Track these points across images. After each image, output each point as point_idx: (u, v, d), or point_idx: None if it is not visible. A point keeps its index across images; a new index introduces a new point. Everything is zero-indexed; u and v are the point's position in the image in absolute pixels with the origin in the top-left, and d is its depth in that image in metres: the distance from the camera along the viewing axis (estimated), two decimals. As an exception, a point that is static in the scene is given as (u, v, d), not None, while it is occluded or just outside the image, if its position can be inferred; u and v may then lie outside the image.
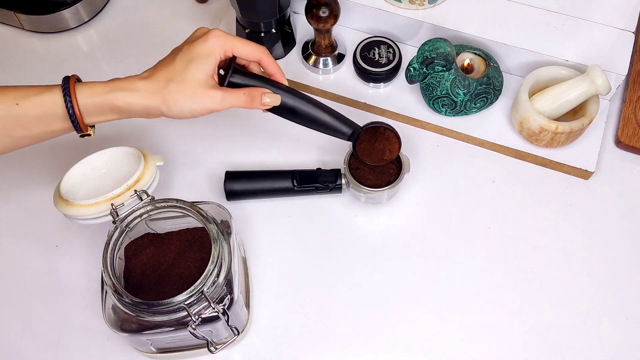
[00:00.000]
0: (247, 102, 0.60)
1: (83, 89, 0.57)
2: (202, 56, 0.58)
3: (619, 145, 0.81)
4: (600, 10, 0.82)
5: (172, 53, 0.60)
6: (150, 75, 0.58)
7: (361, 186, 0.72)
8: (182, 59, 0.58)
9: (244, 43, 0.61)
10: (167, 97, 0.57)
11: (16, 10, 0.89)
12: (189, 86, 0.57)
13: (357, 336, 0.69)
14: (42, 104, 0.56)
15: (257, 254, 0.74)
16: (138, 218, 0.60)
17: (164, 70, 0.58)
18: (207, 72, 0.58)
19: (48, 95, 0.56)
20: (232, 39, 0.60)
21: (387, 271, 0.73)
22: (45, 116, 0.56)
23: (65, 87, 0.56)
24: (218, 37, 0.59)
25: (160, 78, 0.57)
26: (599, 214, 0.77)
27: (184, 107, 0.58)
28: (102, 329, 0.67)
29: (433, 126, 0.82)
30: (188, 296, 0.54)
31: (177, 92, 0.57)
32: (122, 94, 0.57)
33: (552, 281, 0.72)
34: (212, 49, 0.58)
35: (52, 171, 0.80)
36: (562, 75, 0.78)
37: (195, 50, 0.58)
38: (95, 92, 0.57)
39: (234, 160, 0.80)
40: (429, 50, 0.75)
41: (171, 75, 0.57)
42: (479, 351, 0.69)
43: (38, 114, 0.56)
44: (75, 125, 0.57)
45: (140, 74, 0.59)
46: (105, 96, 0.57)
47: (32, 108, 0.56)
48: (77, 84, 0.57)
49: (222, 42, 0.59)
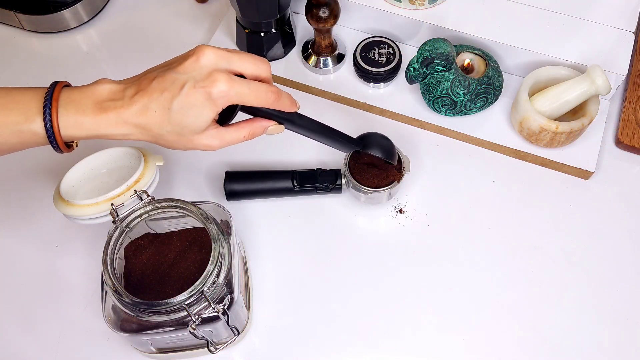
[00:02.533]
0: (247, 139, 0.56)
1: (68, 121, 0.52)
2: (200, 105, 0.51)
3: (619, 145, 0.81)
4: (600, 10, 0.82)
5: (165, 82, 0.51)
6: (142, 113, 0.51)
7: (361, 186, 0.72)
8: (179, 107, 0.51)
9: (242, 60, 0.53)
10: (160, 141, 0.54)
11: (16, 10, 0.89)
12: (186, 137, 0.53)
13: (357, 336, 0.69)
14: (22, 135, 0.52)
15: (257, 254, 0.74)
16: (138, 218, 0.60)
17: (159, 113, 0.51)
18: (207, 121, 0.52)
19: (29, 125, 0.51)
20: (226, 58, 0.52)
21: (387, 271, 0.73)
22: (27, 143, 0.53)
23: (47, 120, 0.51)
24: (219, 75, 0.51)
25: (153, 122, 0.52)
26: (599, 214, 0.77)
27: (178, 149, 0.55)
28: (102, 329, 0.67)
29: (433, 126, 0.82)
30: (188, 296, 0.54)
31: (173, 141, 0.53)
32: (112, 134, 0.52)
33: (552, 281, 0.72)
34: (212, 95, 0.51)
35: (52, 171, 0.80)
36: (562, 75, 0.78)
37: (193, 97, 0.51)
38: (82, 128, 0.52)
39: (234, 160, 0.80)
40: (429, 50, 0.75)
41: (167, 123, 0.52)
42: (479, 351, 0.69)
43: (19, 142, 0.53)
44: (59, 151, 0.54)
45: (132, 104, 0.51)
46: (94, 133, 0.52)
47: (11, 137, 0.52)
48: (60, 115, 0.51)
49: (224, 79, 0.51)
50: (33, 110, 0.51)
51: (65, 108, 0.52)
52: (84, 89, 0.53)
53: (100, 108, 0.52)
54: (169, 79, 0.51)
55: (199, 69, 0.51)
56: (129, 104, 0.51)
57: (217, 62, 0.52)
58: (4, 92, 0.52)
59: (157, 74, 0.52)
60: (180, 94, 0.51)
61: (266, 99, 0.53)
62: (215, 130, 0.54)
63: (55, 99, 0.52)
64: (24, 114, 0.52)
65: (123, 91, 0.52)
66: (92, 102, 0.52)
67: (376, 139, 0.71)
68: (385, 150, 0.70)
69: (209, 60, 0.51)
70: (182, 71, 0.51)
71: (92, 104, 0.52)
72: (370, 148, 0.70)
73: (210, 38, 0.90)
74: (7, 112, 0.51)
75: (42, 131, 0.52)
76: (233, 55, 0.52)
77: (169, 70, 0.52)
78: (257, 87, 0.53)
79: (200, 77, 0.51)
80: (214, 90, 0.51)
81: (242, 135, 0.56)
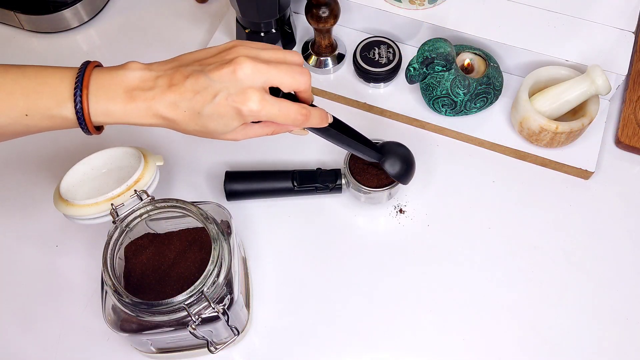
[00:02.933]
0: (269, 135, 0.57)
1: (98, 108, 0.51)
2: (229, 117, 0.51)
3: (619, 145, 0.81)
4: (600, 10, 0.82)
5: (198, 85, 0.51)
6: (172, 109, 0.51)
7: (361, 186, 0.72)
8: (209, 113, 0.51)
9: (280, 72, 0.52)
10: (185, 133, 0.54)
11: (16, 10, 0.89)
12: (211, 135, 0.54)
13: (357, 336, 0.69)
14: (53, 120, 0.52)
15: (257, 254, 0.74)
16: (138, 218, 0.60)
17: (188, 113, 0.51)
18: (234, 129, 0.53)
19: (59, 111, 0.51)
20: (264, 73, 0.51)
21: (387, 271, 0.73)
22: (57, 127, 0.53)
23: (78, 107, 0.51)
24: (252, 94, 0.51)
25: (181, 119, 0.52)
26: (598, 214, 0.77)
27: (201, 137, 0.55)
28: (102, 329, 0.67)
29: (433, 126, 0.82)
30: (188, 296, 0.54)
31: (198, 135, 0.54)
32: (140, 123, 0.52)
33: (552, 281, 0.72)
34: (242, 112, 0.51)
35: (52, 171, 0.80)
36: (562, 75, 0.78)
37: (223, 109, 0.51)
38: (112, 115, 0.52)
39: (234, 160, 0.80)
40: (429, 50, 0.75)
41: (194, 123, 0.52)
42: (479, 351, 0.69)
43: (49, 125, 0.53)
44: (88, 134, 0.54)
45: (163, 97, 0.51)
46: (122, 120, 0.52)
47: (43, 121, 0.52)
48: (90, 102, 0.51)
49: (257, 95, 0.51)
50: (64, 94, 0.51)
51: (95, 95, 0.51)
52: (114, 73, 0.52)
53: (131, 97, 0.51)
54: (203, 83, 0.50)
55: (234, 82, 0.50)
56: (160, 97, 0.51)
57: (254, 77, 0.51)
58: (34, 72, 0.52)
59: (191, 72, 0.51)
60: (212, 102, 0.50)
61: (295, 121, 0.53)
62: (242, 127, 0.54)
63: (85, 85, 0.51)
64: (55, 98, 0.51)
65: (154, 80, 0.52)
66: (122, 89, 0.51)
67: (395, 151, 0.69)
68: (401, 170, 0.69)
69: (245, 75, 0.50)
70: (216, 79, 0.50)
71: (123, 92, 0.51)
72: (387, 163, 0.68)
73: (210, 38, 0.90)
74: (37, 96, 0.51)
75: (73, 117, 0.51)
76: (271, 69, 0.51)
77: (202, 74, 0.51)
78: (287, 110, 0.52)
79: (234, 90, 0.50)
80: (244, 109, 0.50)
81: (266, 132, 0.56)
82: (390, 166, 0.68)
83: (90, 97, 0.51)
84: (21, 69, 0.52)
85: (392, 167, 0.68)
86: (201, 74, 0.51)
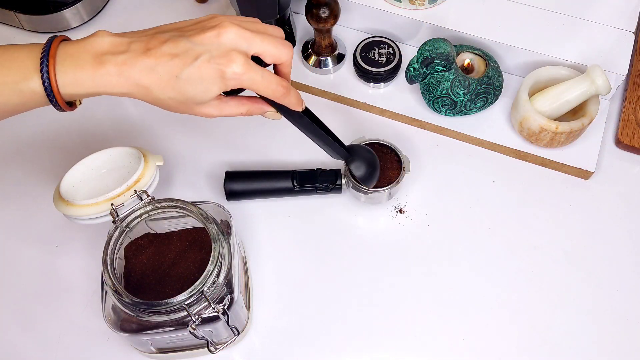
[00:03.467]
0: (244, 115, 0.56)
1: (66, 78, 0.49)
2: (210, 81, 0.50)
3: (619, 145, 0.81)
4: (600, 10, 0.82)
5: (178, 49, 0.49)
6: (147, 74, 0.49)
7: (361, 186, 0.72)
8: (188, 77, 0.49)
9: (264, 41, 0.52)
10: (159, 104, 0.52)
11: (16, 10, 0.89)
12: (187, 105, 0.52)
13: (357, 336, 0.69)
14: (22, 94, 0.50)
15: (257, 254, 0.74)
16: (138, 218, 0.60)
17: (165, 78, 0.49)
18: (213, 96, 0.51)
19: (27, 84, 0.49)
20: (248, 39, 0.51)
21: (387, 271, 0.73)
22: (28, 103, 0.51)
23: (44, 78, 0.49)
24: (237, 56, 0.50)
25: (157, 86, 0.50)
26: (599, 214, 0.77)
27: (175, 112, 0.54)
28: (102, 329, 0.67)
29: (433, 126, 0.82)
30: (188, 296, 0.54)
31: (173, 107, 0.52)
32: (112, 92, 0.50)
33: (552, 281, 0.72)
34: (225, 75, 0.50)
35: (52, 171, 0.80)
36: (562, 75, 0.78)
37: (205, 71, 0.49)
38: (81, 84, 0.50)
39: (234, 160, 0.80)
40: (429, 50, 0.75)
41: (171, 89, 0.50)
42: (479, 351, 0.69)
43: (20, 102, 0.51)
44: (60, 110, 0.52)
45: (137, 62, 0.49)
46: (93, 90, 0.50)
47: (12, 96, 0.50)
48: (57, 72, 0.49)
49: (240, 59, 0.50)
50: (30, 68, 0.49)
51: (62, 64, 0.49)
52: (82, 41, 0.51)
53: (100, 62, 0.49)
54: (183, 46, 0.49)
55: (218, 45, 0.50)
56: (134, 61, 0.49)
57: (238, 42, 0.50)
58: (2, 49, 0.50)
59: (169, 37, 0.50)
60: (192, 64, 0.49)
61: (275, 92, 0.53)
62: (218, 101, 0.53)
63: (52, 55, 0.49)
64: (22, 72, 0.49)
65: (128, 44, 0.50)
66: (91, 55, 0.50)
67: (362, 154, 0.70)
68: (366, 174, 0.70)
69: (230, 39, 0.50)
70: (199, 42, 0.50)
71: (91, 57, 0.49)
72: (353, 164, 0.69)
73: (210, 38, 0.90)
74: (5, 72, 0.49)
75: (40, 89, 0.49)
76: (255, 37, 0.51)
77: (182, 37, 0.50)
78: (269, 79, 0.52)
79: (217, 53, 0.49)
80: (228, 70, 0.49)
81: (240, 111, 0.55)
82: (355, 168, 0.70)
83: (57, 67, 0.49)
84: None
85: (357, 169, 0.70)
86: (181, 37, 0.50)
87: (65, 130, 0.83)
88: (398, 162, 0.74)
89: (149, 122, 0.83)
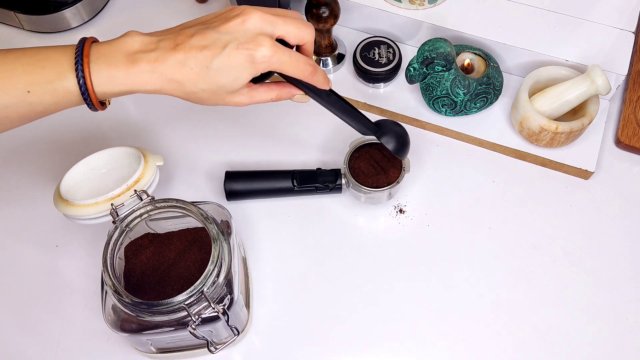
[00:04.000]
0: (274, 100, 0.57)
1: (101, 77, 0.51)
2: (240, 67, 0.51)
3: (619, 145, 0.81)
4: (600, 10, 0.82)
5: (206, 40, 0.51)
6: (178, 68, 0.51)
7: (361, 186, 0.72)
8: (219, 66, 0.51)
9: (287, 23, 0.53)
10: (192, 98, 0.54)
11: (16, 10, 0.89)
12: (219, 96, 0.53)
13: (357, 336, 0.69)
14: (56, 93, 0.51)
15: (257, 254, 0.74)
16: (138, 218, 0.60)
17: (196, 70, 0.51)
18: (244, 83, 0.53)
19: (61, 83, 0.50)
20: (272, 22, 0.52)
21: (387, 271, 0.73)
22: (61, 103, 0.52)
23: (79, 76, 0.50)
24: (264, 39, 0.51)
25: (189, 79, 0.51)
26: (599, 214, 0.77)
27: (208, 105, 0.55)
28: (102, 329, 0.67)
29: (433, 126, 0.82)
30: (188, 296, 0.54)
31: (206, 98, 0.53)
32: (145, 89, 0.52)
33: (552, 281, 0.72)
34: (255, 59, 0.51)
35: (52, 171, 0.80)
36: (562, 75, 0.78)
37: (234, 58, 0.50)
38: (115, 82, 0.51)
39: (234, 160, 0.80)
40: (429, 50, 0.75)
41: (203, 81, 0.51)
42: (479, 351, 0.69)
43: (53, 101, 0.51)
44: (93, 109, 0.53)
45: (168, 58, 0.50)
46: (127, 87, 0.51)
47: (45, 96, 0.51)
48: (92, 70, 0.50)
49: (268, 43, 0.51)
50: (65, 66, 0.50)
51: (96, 63, 0.51)
52: (113, 42, 0.52)
53: (132, 60, 0.51)
54: (210, 37, 0.50)
55: (244, 32, 0.51)
56: (165, 58, 0.50)
57: (263, 26, 0.52)
58: (34, 51, 0.52)
59: (195, 31, 0.51)
60: (221, 53, 0.50)
61: (303, 71, 0.54)
62: (248, 89, 0.54)
63: (86, 54, 0.50)
64: (56, 70, 0.51)
65: (157, 42, 0.51)
66: (123, 54, 0.51)
67: (391, 127, 0.68)
68: (399, 143, 0.68)
69: (254, 24, 0.51)
70: (224, 31, 0.51)
71: (124, 57, 0.51)
72: (384, 138, 0.67)
73: (210, 38, 0.90)
74: (39, 70, 0.50)
75: (75, 88, 0.51)
76: (278, 20, 0.52)
77: (209, 29, 0.51)
78: (297, 58, 0.53)
79: (244, 39, 0.51)
80: (257, 54, 0.51)
81: (270, 97, 0.56)
82: (387, 141, 0.67)
83: (91, 65, 0.50)
84: (21, 50, 0.52)
85: (388, 142, 0.67)
86: (207, 29, 0.51)
87: (66, 130, 0.83)
88: (398, 162, 0.74)
89: (149, 122, 0.83)
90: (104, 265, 0.56)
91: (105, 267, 0.56)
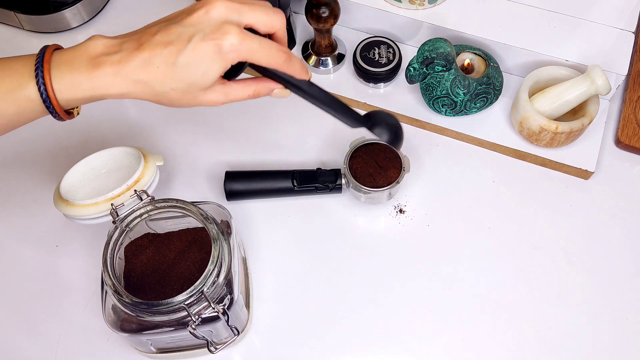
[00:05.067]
0: (252, 97, 0.54)
1: (63, 83, 0.49)
2: (209, 60, 0.48)
3: (619, 145, 0.81)
4: (600, 10, 0.82)
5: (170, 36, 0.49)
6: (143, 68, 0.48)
7: (361, 186, 0.72)
8: (186, 61, 0.48)
9: (254, 10, 0.50)
10: (162, 100, 0.51)
11: (16, 10, 0.89)
12: (191, 94, 0.50)
13: (357, 336, 0.69)
14: (18, 103, 0.49)
15: (257, 254, 0.74)
16: (138, 218, 0.60)
17: (162, 68, 0.48)
18: (215, 77, 0.50)
19: (22, 92, 0.49)
20: (238, 10, 0.49)
21: (387, 271, 0.73)
22: (24, 113, 0.50)
23: (40, 83, 0.48)
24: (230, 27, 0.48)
25: (156, 79, 0.49)
26: (599, 214, 0.77)
27: (181, 106, 0.53)
28: (102, 329, 0.67)
29: (433, 126, 0.82)
30: (188, 296, 0.54)
31: (177, 99, 0.51)
32: (110, 93, 0.50)
33: (552, 281, 0.72)
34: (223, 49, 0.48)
35: (52, 171, 0.80)
36: (562, 75, 0.78)
37: (201, 51, 0.48)
38: (78, 88, 0.49)
39: (234, 160, 0.80)
40: (429, 50, 0.75)
41: (171, 79, 0.49)
42: (479, 351, 0.69)
43: (16, 112, 0.50)
44: (59, 118, 0.52)
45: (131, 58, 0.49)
46: (91, 93, 0.50)
47: (7, 106, 0.50)
48: (53, 77, 0.49)
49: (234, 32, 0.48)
50: (25, 75, 0.49)
51: (58, 69, 0.49)
52: (76, 47, 0.50)
53: (95, 64, 0.49)
54: (174, 32, 0.48)
55: (208, 22, 0.48)
56: (128, 59, 0.48)
57: (228, 14, 0.49)
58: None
59: (159, 28, 0.49)
60: (187, 47, 0.48)
61: (276, 59, 0.51)
62: (222, 85, 0.51)
63: (46, 61, 0.49)
64: (17, 79, 0.49)
65: (120, 44, 0.49)
66: (86, 59, 0.49)
67: (383, 118, 0.63)
68: (392, 133, 0.63)
69: (219, 13, 0.49)
70: (189, 24, 0.49)
71: (86, 61, 0.49)
72: (377, 128, 0.63)
73: (210, 38, 0.90)
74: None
75: (36, 96, 0.49)
76: (244, 7, 0.50)
77: (173, 24, 0.49)
78: (268, 45, 0.50)
79: (209, 29, 0.48)
80: (224, 43, 0.48)
81: (247, 93, 0.53)
82: (379, 132, 0.62)
83: (53, 72, 0.49)
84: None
85: (381, 133, 0.62)
86: (171, 24, 0.49)
87: (65, 130, 0.83)
88: (398, 162, 0.74)
89: (149, 122, 0.83)
90: (104, 265, 0.56)
91: (105, 267, 0.56)
